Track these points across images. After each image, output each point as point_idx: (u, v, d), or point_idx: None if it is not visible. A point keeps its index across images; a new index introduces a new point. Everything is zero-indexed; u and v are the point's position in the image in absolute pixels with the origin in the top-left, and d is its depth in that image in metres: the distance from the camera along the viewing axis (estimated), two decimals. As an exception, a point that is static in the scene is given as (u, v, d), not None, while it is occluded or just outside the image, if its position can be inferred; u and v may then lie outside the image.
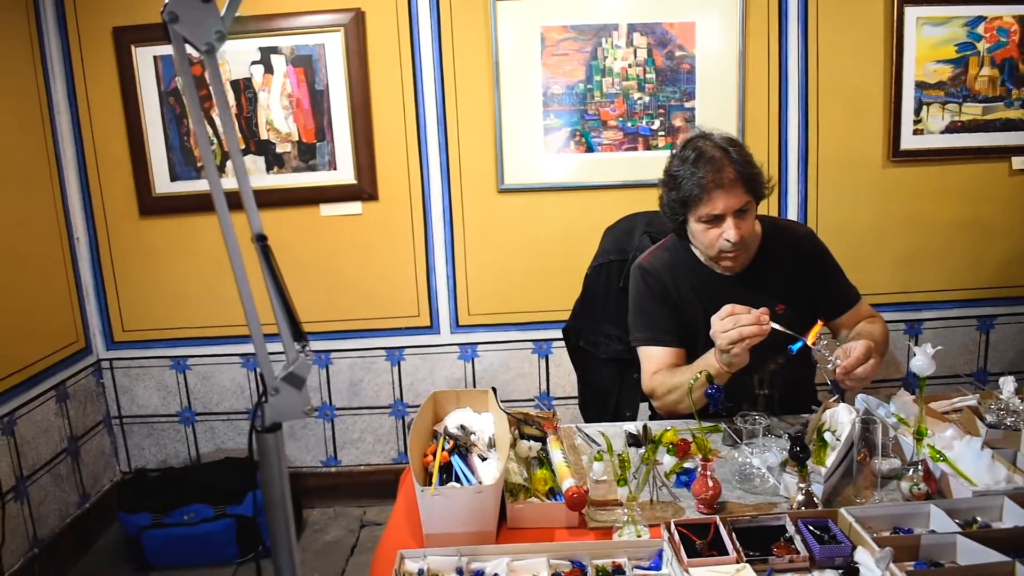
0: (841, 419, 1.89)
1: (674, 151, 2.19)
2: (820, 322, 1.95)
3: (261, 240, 1.01)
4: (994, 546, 1.43)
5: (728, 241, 2.06)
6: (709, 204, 2.05)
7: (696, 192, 2.05)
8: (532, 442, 1.94)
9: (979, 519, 1.60)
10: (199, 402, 3.64)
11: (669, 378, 2.15)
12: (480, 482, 1.73)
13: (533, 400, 3.64)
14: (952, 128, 3.47)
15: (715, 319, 1.92)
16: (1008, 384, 2.08)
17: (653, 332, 2.26)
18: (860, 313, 2.32)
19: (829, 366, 1.93)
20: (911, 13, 3.36)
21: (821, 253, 2.34)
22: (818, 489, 1.70)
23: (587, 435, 2.10)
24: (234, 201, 1.02)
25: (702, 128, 2.21)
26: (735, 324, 1.87)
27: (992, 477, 1.71)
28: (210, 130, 3.35)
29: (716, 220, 2.07)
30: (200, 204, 3.38)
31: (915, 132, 3.46)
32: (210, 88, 3.30)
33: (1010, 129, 3.50)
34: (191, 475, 3.53)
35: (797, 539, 1.53)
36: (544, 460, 1.89)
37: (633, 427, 2.09)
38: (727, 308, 1.91)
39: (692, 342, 2.22)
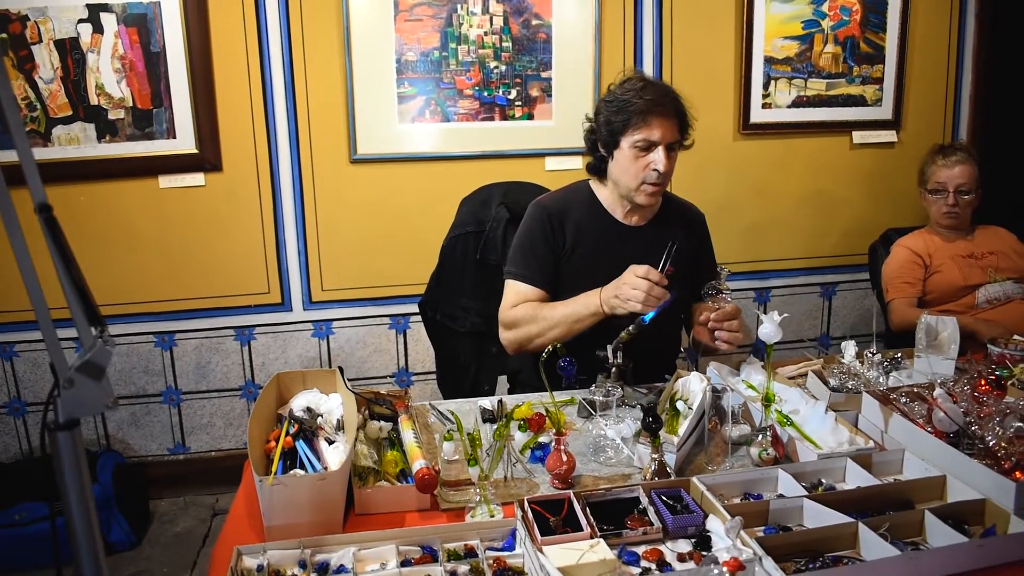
0: (693, 388, 1.91)
1: (613, 86, 2.25)
2: None
3: (44, 211, 0.87)
4: (838, 508, 1.47)
5: (656, 171, 2.13)
6: (647, 128, 2.13)
7: (637, 116, 2.13)
8: (383, 422, 1.86)
9: (824, 481, 1.65)
10: (28, 391, 3.35)
11: (538, 310, 2.20)
12: (326, 467, 1.64)
13: (391, 377, 3.55)
14: (798, 103, 3.59)
15: (634, 269, 2.03)
16: (849, 348, 2.16)
17: (528, 270, 2.28)
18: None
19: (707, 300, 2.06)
20: (760, -10, 3.44)
21: (706, 237, 2.48)
22: (671, 458, 1.70)
23: (440, 412, 2.03)
24: (63, 172, 0.89)
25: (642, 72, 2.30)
26: (647, 289, 1.98)
27: (836, 439, 1.77)
28: (32, 93, 3.07)
29: (649, 147, 2.14)
30: (13, 177, 3.07)
31: (764, 106, 3.56)
32: (31, 48, 3.05)
33: (851, 104, 3.65)
34: (22, 471, 3.26)
35: (650, 511, 1.52)
36: (395, 441, 1.81)
37: (488, 402, 2.04)
38: (646, 269, 2.01)
39: (566, 287, 2.26)
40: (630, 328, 1.95)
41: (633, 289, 1.99)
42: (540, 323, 2.17)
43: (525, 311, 2.22)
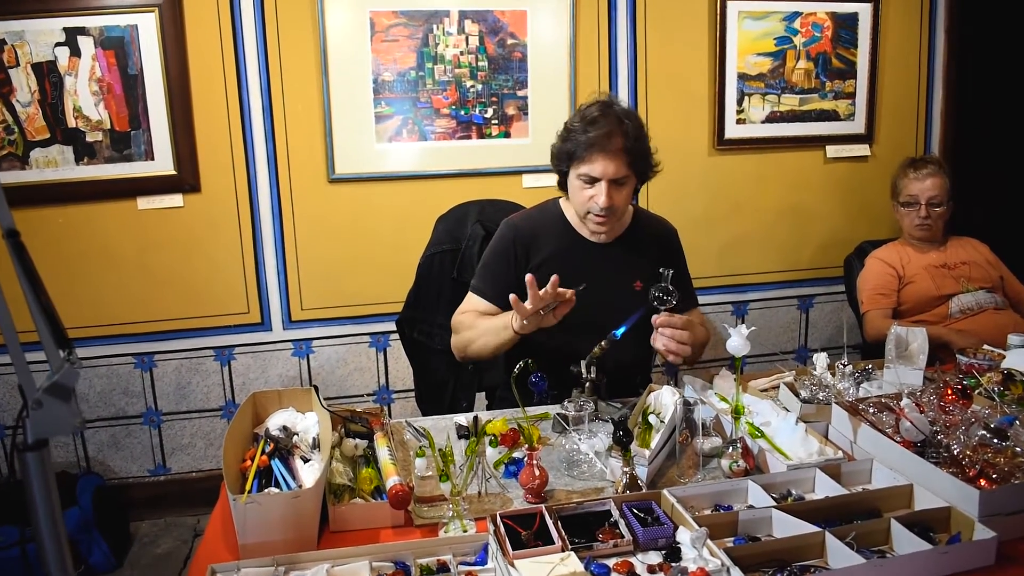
0: (665, 401, 1.93)
1: (582, 107, 2.26)
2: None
3: (12, 236, 0.89)
4: (806, 517, 1.49)
5: (597, 204, 2.15)
6: (589, 164, 2.14)
7: (581, 150, 2.15)
8: (358, 440, 1.87)
9: (794, 491, 1.67)
10: (7, 414, 3.33)
11: (475, 320, 2.26)
12: (300, 485, 1.65)
13: (372, 395, 3.55)
14: (772, 118, 3.64)
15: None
16: (821, 360, 2.19)
17: (484, 285, 2.33)
18: (692, 319, 2.40)
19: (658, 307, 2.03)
20: (733, 7, 3.50)
21: (678, 251, 2.48)
22: (643, 472, 1.71)
23: (416, 429, 2.05)
24: (41, 195, 0.90)
25: (611, 95, 2.34)
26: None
27: (806, 450, 1.79)
28: (9, 116, 3.07)
29: (592, 182, 2.16)
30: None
31: (738, 121, 3.60)
32: (8, 72, 3.06)
33: (824, 119, 3.70)
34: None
35: (621, 523, 1.53)
36: (370, 458, 1.82)
37: (464, 419, 2.06)
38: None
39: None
40: (602, 343, 1.97)
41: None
42: (473, 330, 2.24)
43: (465, 318, 2.30)
